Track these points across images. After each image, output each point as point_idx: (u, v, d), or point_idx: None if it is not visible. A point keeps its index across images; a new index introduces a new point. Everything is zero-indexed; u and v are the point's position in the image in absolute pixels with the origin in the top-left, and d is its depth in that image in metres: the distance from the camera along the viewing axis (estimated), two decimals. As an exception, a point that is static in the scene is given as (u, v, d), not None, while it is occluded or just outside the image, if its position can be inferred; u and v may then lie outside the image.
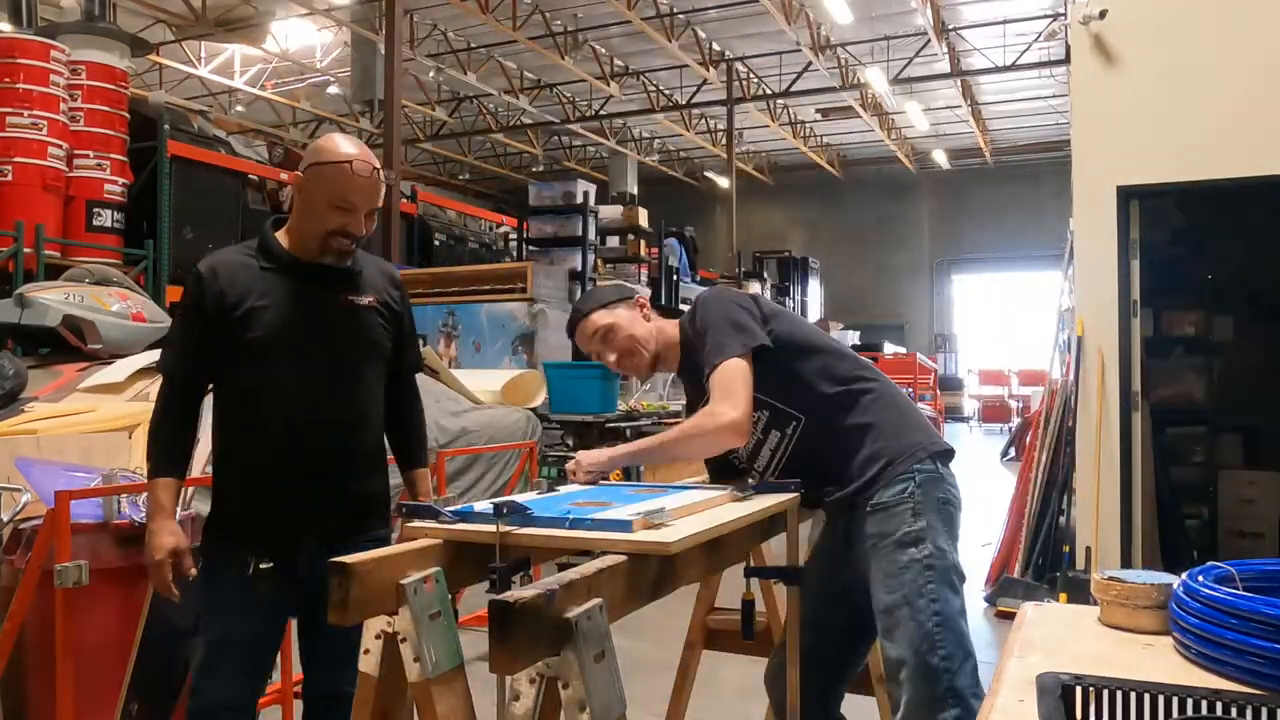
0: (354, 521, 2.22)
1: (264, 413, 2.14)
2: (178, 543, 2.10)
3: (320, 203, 2.12)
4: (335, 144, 2.17)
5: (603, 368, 8.84)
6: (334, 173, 2.11)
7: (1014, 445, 13.61)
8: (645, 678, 3.42)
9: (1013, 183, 23.59)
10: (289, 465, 2.15)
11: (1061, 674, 1.02)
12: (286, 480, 2.15)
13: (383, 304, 2.28)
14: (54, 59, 7.70)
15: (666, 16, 14.82)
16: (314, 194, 2.13)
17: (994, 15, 15.23)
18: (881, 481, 2.17)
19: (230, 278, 2.14)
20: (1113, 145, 5.00)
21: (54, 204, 7.84)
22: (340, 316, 2.21)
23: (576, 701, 1.35)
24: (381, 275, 2.33)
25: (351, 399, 2.22)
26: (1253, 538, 5.89)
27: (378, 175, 2.15)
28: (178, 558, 2.10)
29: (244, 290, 2.13)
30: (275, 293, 2.15)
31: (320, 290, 2.19)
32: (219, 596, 2.15)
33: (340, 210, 2.11)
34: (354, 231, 2.15)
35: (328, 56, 16.60)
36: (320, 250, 2.16)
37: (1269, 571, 1.37)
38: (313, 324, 2.17)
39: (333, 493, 2.19)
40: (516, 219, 14.11)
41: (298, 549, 2.13)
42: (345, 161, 2.10)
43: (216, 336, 2.13)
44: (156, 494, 2.12)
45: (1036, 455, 5.85)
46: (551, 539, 1.60)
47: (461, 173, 24.37)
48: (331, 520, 2.17)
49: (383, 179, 2.18)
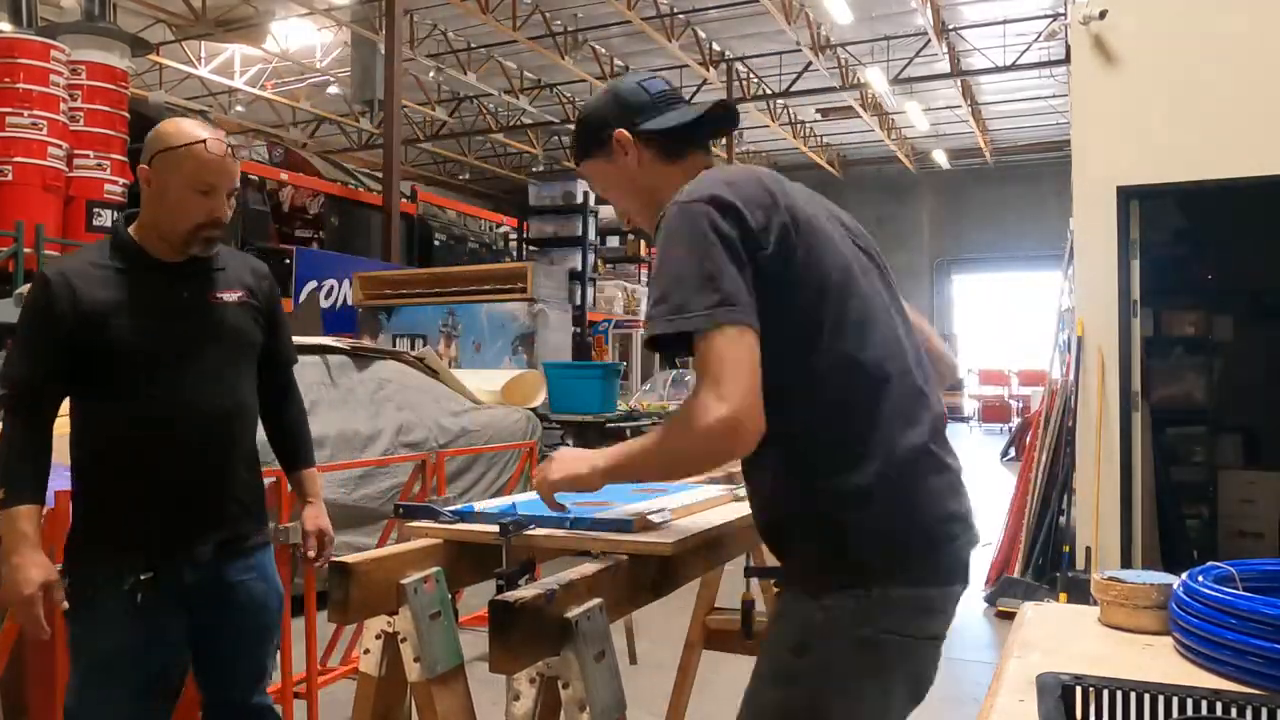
0: (235, 524, 2.14)
1: (137, 419, 2.01)
2: (47, 575, 1.91)
3: (177, 190, 1.99)
4: (180, 127, 2.04)
5: (603, 368, 8.80)
6: (187, 155, 1.99)
7: (1014, 445, 13.61)
8: (645, 678, 3.42)
9: (1013, 183, 23.59)
10: (166, 471, 2.03)
11: (1061, 674, 1.02)
12: (165, 486, 2.04)
13: (251, 298, 2.18)
14: (54, 59, 7.70)
15: (666, 16, 14.82)
16: (168, 182, 1.99)
17: (994, 15, 15.22)
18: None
19: (86, 285, 1.99)
20: (1113, 145, 5.00)
21: (54, 204, 7.84)
22: (208, 315, 2.10)
23: (576, 701, 1.35)
24: (246, 268, 2.22)
25: (226, 400, 2.11)
26: (1253, 538, 5.90)
27: (232, 154, 2.05)
28: (47, 591, 1.91)
29: (103, 297, 1.99)
30: (137, 297, 2.02)
31: (184, 289, 2.08)
32: (94, 614, 1.99)
33: (202, 195, 1.99)
34: (219, 216, 2.02)
35: (328, 56, 16.60)
36: (186, 243, 2.03)
37: (1269, 571, 1.37)
38: (180, 325, 2.06)
39: (214, 497, 2.10)
40: (516, 219, 14.13)
41: (181, 557, 2.04)
42: (198, 142, 1.99)
43: (73, 347, 1.97)
44: (17, 524, 1.90)
45: (1036, 455, 5.85)
46: (551, 539, 1.60)
47: (461, 173, 24.37)
48: (213, 525, 2.09)
49: (237, 157, 2.08)
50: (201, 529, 2.08)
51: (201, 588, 2.08)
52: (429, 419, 6.14)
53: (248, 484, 2.20)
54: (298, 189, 11.85)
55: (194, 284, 2.10)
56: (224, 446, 2.12)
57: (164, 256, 2.07)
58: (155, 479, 2.03)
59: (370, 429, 5.65)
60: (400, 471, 5.40)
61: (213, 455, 2.09)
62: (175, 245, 2.05)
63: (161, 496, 2.03)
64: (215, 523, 2.10)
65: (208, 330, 2.09)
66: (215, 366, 2.09)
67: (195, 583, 2.07)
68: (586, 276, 12.49)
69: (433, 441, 5.91)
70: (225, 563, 2.12)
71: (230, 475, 2.13)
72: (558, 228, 13.28)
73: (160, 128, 2.05)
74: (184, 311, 2.07)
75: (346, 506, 5.25)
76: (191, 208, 2.00)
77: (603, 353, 12.35)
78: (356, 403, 5.77)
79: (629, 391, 10.29)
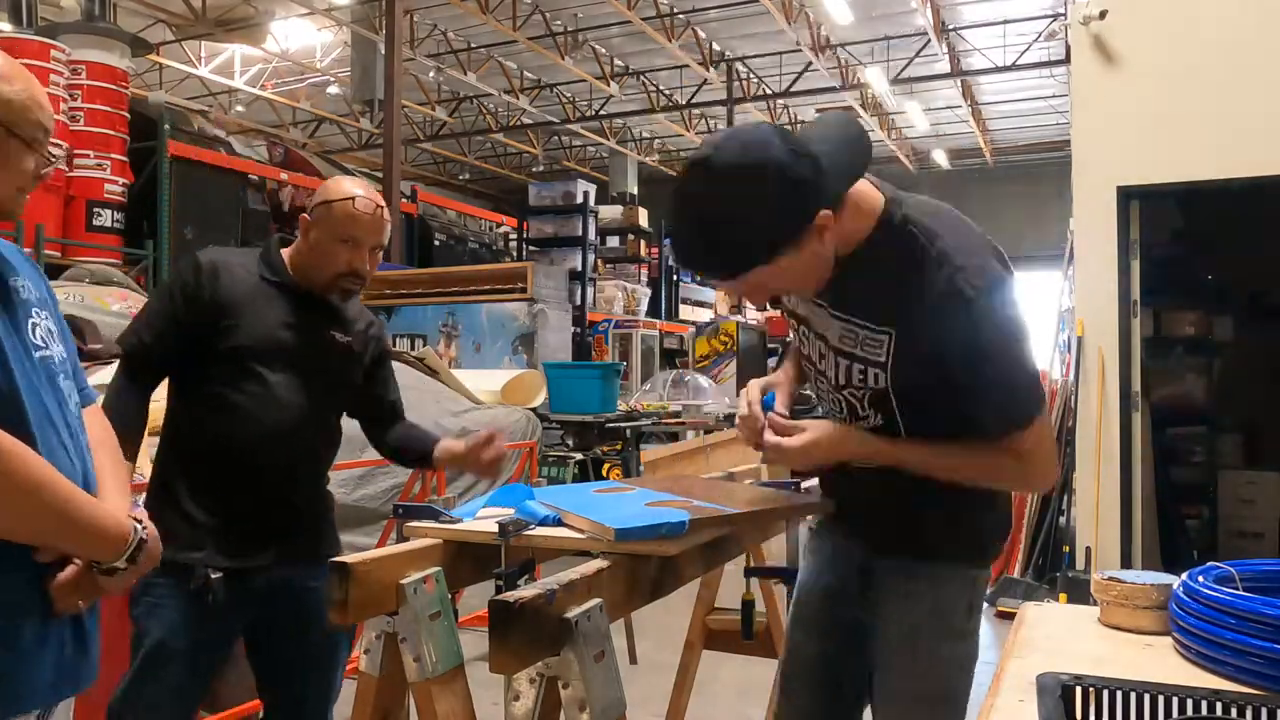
0: (309, 541, 2.21)
1: (236, 421, 2.10)
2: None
3: (327, 239, 2.15)
4: (341, 184, 2.22)
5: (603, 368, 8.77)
6: (340, 210, 2.15)
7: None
8: (645, 678, 3.42)
9: (1013, 183, 23.56)
10: (248, 479, 2.11)
11: (1061, 674, 1.02)
12: (244, 493, 2.11)
13: (360, 349, 2.32)
14: (54, 59, 7.70)
15: (666, 16, 14.81)
16: (322, 231, 2.16)
17: (994, 15, 15.21)
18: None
19: (231, 278, 2.13)
20: (1113, 145, 5.00)
21: (54, 204, 7.84)
22: (323, 347, 2.22)
23: (576, 701, 1.35)
24: (364, 319, 2.36)
25: (318, 425, 2.23)
26: (1253, 538, 5.90)
27: (381, 212, 2.20)
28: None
29: (242, 294, 2.12)
30: (270, 306, 2.16)
31: (310, 317, 2.21)
32: (161, 607, 2.03)
33: (345, 244, 2.14)
34: (359, 268, 2.17)
35: (328, 56, 16.59)
36: (326, 288, 2.19)
37: (1269, 571, 1.37)
38: (299, 345, 2.17)
39: (292, 510, 2.19)
40: (516, 219, 14.13)
41: (253, 563, 2.10)
42: (349, 198, 2.16)
43: (198, 330, 2.09)
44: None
45: (1036, 455, 5.84)
46: (551, 539, 1.60)
47: (461, 173, 24.35)
48: (289, 537, 2.16)
49: (387, 217, 2.22)
50: (273, 538, 2.14)
51: (271, 593, 2.14)
52: (429, 419, 6.13)
53: (321, 504, 2.31)
54: (298, 189, 11.84)
55: (319, 315, 2.23)
56: (305, 465, 2.22)
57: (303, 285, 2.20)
58: (236, 484, 2.11)
59: (370, 429, 5.65)
60: (400, 471, 5.40)
61: (294, 472, 2.19)
62: (317, 286, 2.19)
63: (240, 502, 2.11)
64: (286, 533, 2.16)
65: (317, 359, 2.21)
66: (314, 392, 2.19)
67: (265, 588, 2.12)
68: (586, 276, 12.49)
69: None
70: (294, 571, 2.17)
71: (306, 493, 2.24)
72: (558, 228, 13.28)
73: (326, 182, 2.26)
74: (303, 335, 2.19)
75: (346, 506, 5.24)
76: (336, 257, 2.15)
77: (603, 353, 12.34)
78: (356, 403, 5.76)
79: (629, 391, 10.28)
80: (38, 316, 1.40)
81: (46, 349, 1.39)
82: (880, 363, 1.57)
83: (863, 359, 1.59)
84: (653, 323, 13.76)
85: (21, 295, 1.38)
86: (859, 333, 1.59)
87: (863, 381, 1.61)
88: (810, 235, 1.42)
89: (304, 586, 2.15)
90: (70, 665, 1.36)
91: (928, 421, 1.61)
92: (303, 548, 2.17)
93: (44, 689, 1.32)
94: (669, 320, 14.99)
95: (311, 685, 2.23)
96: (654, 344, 13.17)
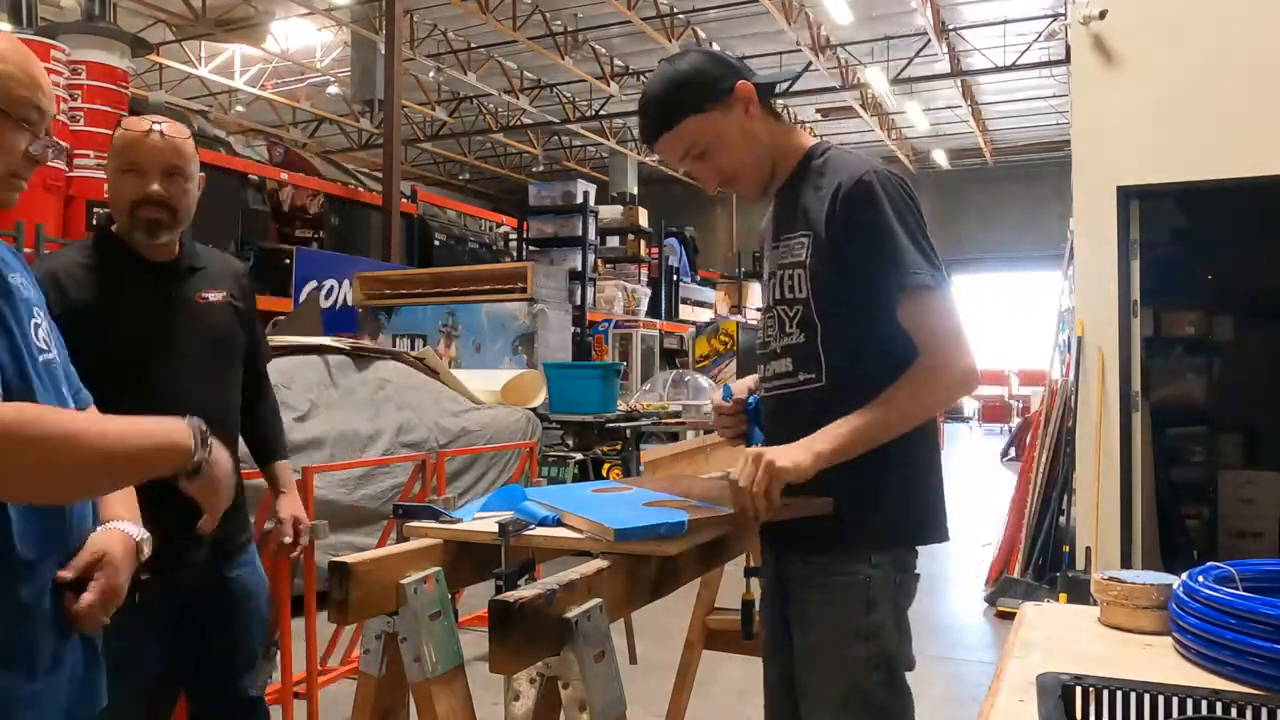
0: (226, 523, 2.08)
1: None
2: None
3: (113, 178, 2.02)
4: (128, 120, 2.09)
5: (603, 368, 8.79)
6: (116, 140, 2.03)
7: (1014, 445, 13.59)
8: (645, 678, 3.42)
9: (1013, 183, 23.58)
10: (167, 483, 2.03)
11: (1061, 674, 1.02)
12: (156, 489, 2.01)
13: (233, 299, 2.19)
14: (54, 59, 7.70)
15: (666, 16, 14.81)
16: (109, 172, 2.04)
17: (994, 15, 15.22)
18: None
19: (73, 284, 1.97)
20: (1113, 145, 5.00)
21: (54, 204, 7.84)
22: (194, 315, 2.10)
23: (576, 701, 1.35)
24: (228, 269, 2.24)
25: (214, 400, 2.08)
26: (1253, 538, 5.90)
27: (160, 135, 2.02)
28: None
29: (90, 296, 1.97)
30: (124, 295, 2.02)
31: (170, 289, 2.08)
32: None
33: (129, 174, 2.00)
34: (151, 193, 1.99)
35: (328, 56, 16.60)
36: (130, 228, 2.02)
37: (1269, 571, 1.37)
38: (167, 325, 2.06)
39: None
40: (516, 219, 14.13)
41: (177, 559, 2.00)
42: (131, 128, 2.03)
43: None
44: None
45: (1036, 455, 5.85)
46: (551, 539, 1.60)
47: (461, 173, 24.36)
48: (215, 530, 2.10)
49: (177, 140, 2.03)
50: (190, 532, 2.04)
51: (198, 588, 2.09)
52: (429, 419, 6.14)
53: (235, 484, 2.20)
54: (298, 189, 11.85)
55: (180, 283, 2.10)
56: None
57: (149, 255, 2.06)
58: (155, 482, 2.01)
59: (370, 429, 5.65)
60: (400, 471, 5.41)
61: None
62: (127, 234, 2.04)
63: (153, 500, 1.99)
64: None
65: (194, 330, 2.09)
66: (202, 367, 2.09)
67: (192, 584, 2.08)
68: (586, 276, 12.48)
69: (433, 441, 5.91)
70: (220, 562, 2.13)
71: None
72: (558, 228, 13.28)
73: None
74: (171, 311, 2.07)
75: (346, 506, 5.25)
76: (122, 188, 2.00)
77: (603, 353, 12.34)
78: (356, 403, 5.77)
79: (629, 391, 10.29)
80: (38, 316, 1.37)
81: (49, 351, 1.36)
82: (801, 262, 1.74)
83: (790, 264, 1.76)
84: (653, 323, 13.76)
85: (22, 294, 1.34)
86: (790, 244, 1.77)
87: (790, 290, 1.76)
88: (735, 101, 1.73)
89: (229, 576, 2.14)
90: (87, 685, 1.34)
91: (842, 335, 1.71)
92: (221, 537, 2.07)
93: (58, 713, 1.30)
94: (669, 320, 14.99)
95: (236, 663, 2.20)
96: (654, 344, 13.18)
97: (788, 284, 1.76)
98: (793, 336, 1.75)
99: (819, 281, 1.72)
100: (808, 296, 1.73)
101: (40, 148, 1.36)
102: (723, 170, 1.78)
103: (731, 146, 1.75)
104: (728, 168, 1.78)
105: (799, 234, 1.75)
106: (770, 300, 1.82)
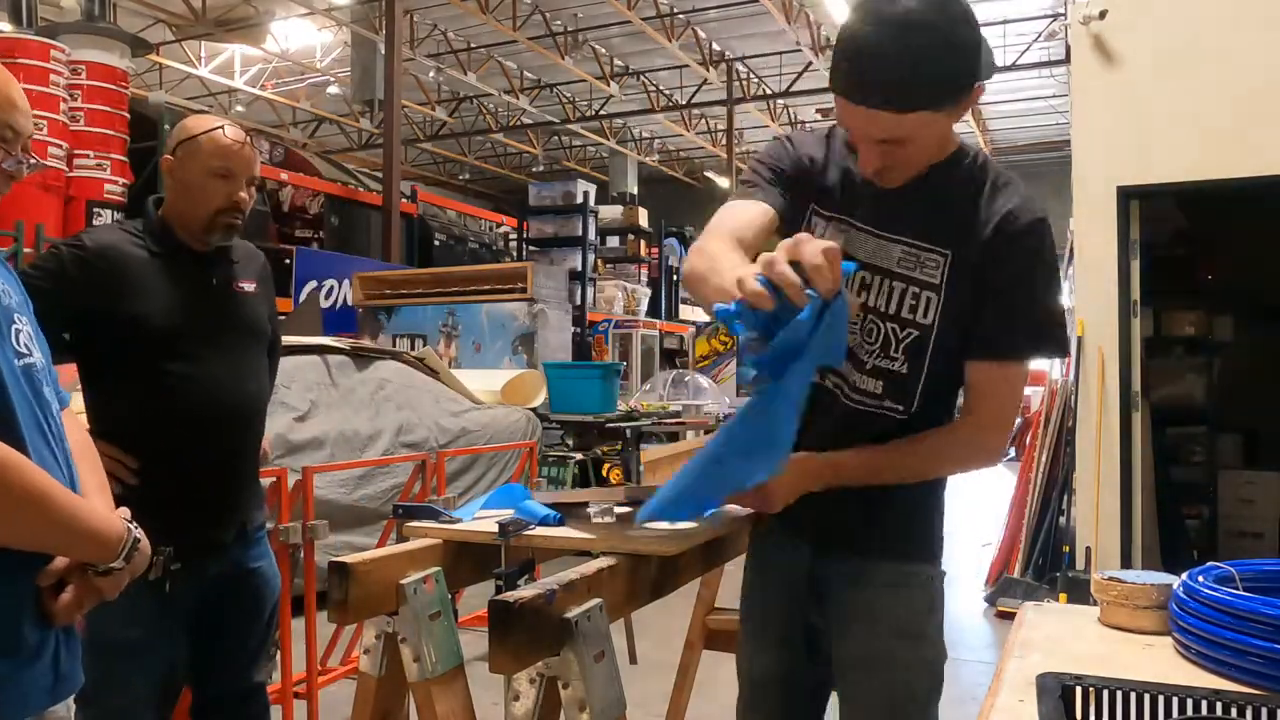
0: (249, 510, 2.18)
1: (168, 407, 2.01)
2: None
3: (200, 176, 2.05)
4: (199, 119, 2.13)
5: (603, 368, 8.77)
6: (207, 142, 2.06)
7: (1014, 445, 13.61)
8: (645, 678, 3.42)
9: (1013, 182, 23.58)
10: (188, 459, 2.03)
11: (1061, 674, 1.02)
12: (187, 475, 2.04)
13: (260, 289, 2.26)
14: (54, 59, 7.69)
15: (666, 16, 14.81)
16: (190, 170, 2.06)
17: (994, 15, 15.21)
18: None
19: (122, 263, 2.02)
20: (1113, 145, 5.00)
21: (54, 204, 7.83)
22: (233, 304, 2.16)
23: (576, 701, 1.35)
24: (254, 259, 2.29)
25: (246, 388, 2.16)
26: (1253, 538, 5.90)
27: (249, 143, 2.11)
28: None
29: (136, 278, 2.02)
30: (172, 282, 2.06)
31: (213, 276, 2.13)
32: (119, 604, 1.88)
33: (221, 179, 2.05)
34: (238, 200, 2.08)
35: (328, 56, 16.59)
36: (207, 230, 2.08)
37: (1269, 571, 1.37)
38: (208, 312, 2.10)
39: (234, 485, 2.13)
40: (516, 219, 14.12)
41: (207, 547, 2.05)
42: (216, 128, 2.08)
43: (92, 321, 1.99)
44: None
45: (1036, 455, 5.86)
46: (551, 539, 1.60)
47: (461, 173, 24.35)
48: (232, 512, 2.12)
49: (255, 149, 2.14)
50: (224, 517, 2.11)
51: (223, 577, 2.12)
52: (429, 419, 6.14)
53: (256, 470, 2.26)
54: (298, 189, 11.84)
55: (221, 272, 2.15)
56: (243, 434, 2.16)
57: (192, 245, 2.11)
58: (178, 467, 2.03)
59: (370, 429, 5.65)
60: (400, 471, 5.40)
61: (232, 443, 2.13)
62: (197, 233, 2.09)
63: (185, 486, 2.05)
64: (234, 510, 2.14)
65: (232, 319, 2.15)
66: (237, 355, 2.14)
67: (218, 573, 2.10)
68: (586, 276, 12.47)
69: (433, 441, 5.91)
70: (242, 550, 2.16)
71: (247, 462, 2.19)
72: (558, 228, 13.26)
73: (182, 122, 2.15)
74: (212, 299, 2.12)
75: (346, 506, 5.25)
76: (212, 192, 2.05)
77: (603, 353, 12.33)
78: (356, 403, 5.77)
79: (629, 391, 10.28)
80: (19, 322, 1.37)
81: (30, 355, 1.37)
82: (935, 285, 1.57)
83: (919, 282, 1.58)
84: (653, 323, 13.75)
85: (3, 302, 1.34)
86: (919, 255, 1.58)
87: (912, 310, 1.58)
88: (968, 100, 1.43)
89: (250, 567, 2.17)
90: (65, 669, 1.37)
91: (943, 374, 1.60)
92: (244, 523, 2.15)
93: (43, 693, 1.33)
94: (669, 320, 14.98)
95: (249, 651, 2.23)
96: (654, 344, 13.16)
97: (910, 302, 1.58)
98: (896, 362, 1.60)
99: (950, 314, 1.56)
100: (932, 324, 1.57)
101: (14, 164, 1.39)
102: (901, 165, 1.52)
103: (927, 147, 1.52)
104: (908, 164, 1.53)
105: (935, 249, 1.57)
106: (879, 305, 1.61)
